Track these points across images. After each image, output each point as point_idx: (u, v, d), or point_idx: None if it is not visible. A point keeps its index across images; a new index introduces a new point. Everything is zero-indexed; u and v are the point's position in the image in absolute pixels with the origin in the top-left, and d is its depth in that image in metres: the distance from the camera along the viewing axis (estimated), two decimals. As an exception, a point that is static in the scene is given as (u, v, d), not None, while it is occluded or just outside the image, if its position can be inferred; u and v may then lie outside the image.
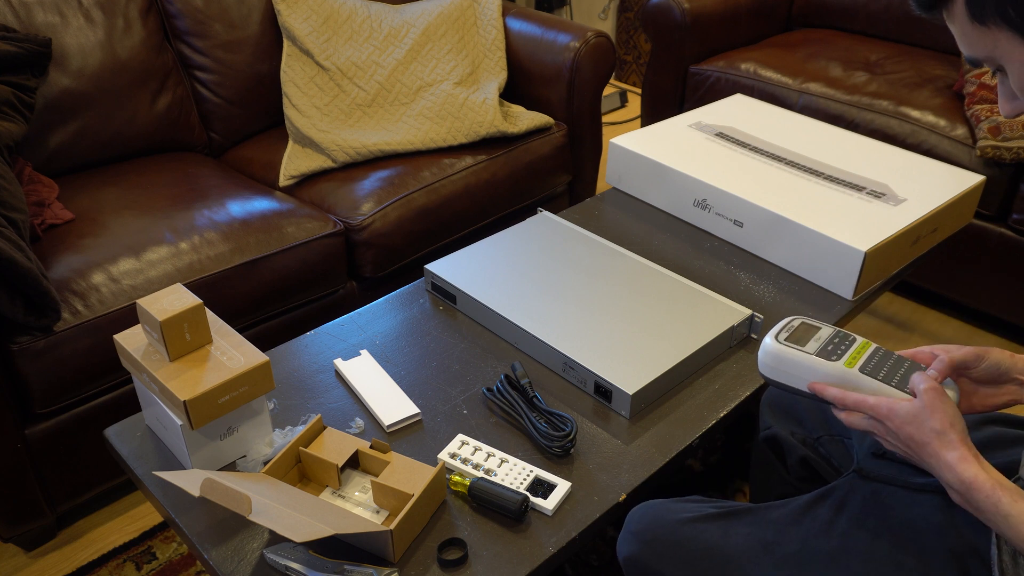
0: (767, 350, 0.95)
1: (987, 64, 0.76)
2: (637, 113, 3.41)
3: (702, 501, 1.03)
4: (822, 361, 0.91)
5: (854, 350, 0.93)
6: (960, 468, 0.78)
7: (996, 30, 0.70)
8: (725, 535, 0.96)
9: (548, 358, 1.24)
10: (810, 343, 0.94)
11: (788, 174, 1.58)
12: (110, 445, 1.14)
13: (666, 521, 1.00)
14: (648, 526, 1.00)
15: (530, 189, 2.13)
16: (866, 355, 0.92)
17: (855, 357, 0.92)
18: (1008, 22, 0.69)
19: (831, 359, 0.91)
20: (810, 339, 0.95)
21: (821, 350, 0.93)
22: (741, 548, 0.95)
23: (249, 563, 0.96)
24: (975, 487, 0.77)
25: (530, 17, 2.23)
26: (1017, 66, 0.72)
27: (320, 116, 2.03)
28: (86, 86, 1.86)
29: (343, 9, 2.14)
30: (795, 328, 0.96)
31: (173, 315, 1.02)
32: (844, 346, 0.94)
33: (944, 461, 0.79)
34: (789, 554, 0.92)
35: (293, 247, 1.70)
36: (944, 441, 0.80)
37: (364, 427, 1.14)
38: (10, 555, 1.60)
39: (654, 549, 0.99)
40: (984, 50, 0.73)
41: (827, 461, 1.11)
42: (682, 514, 1.00)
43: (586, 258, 1.42)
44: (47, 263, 1.53)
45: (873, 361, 0.91)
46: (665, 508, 1.02)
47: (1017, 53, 0.71)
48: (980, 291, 2.08)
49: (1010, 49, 0.71)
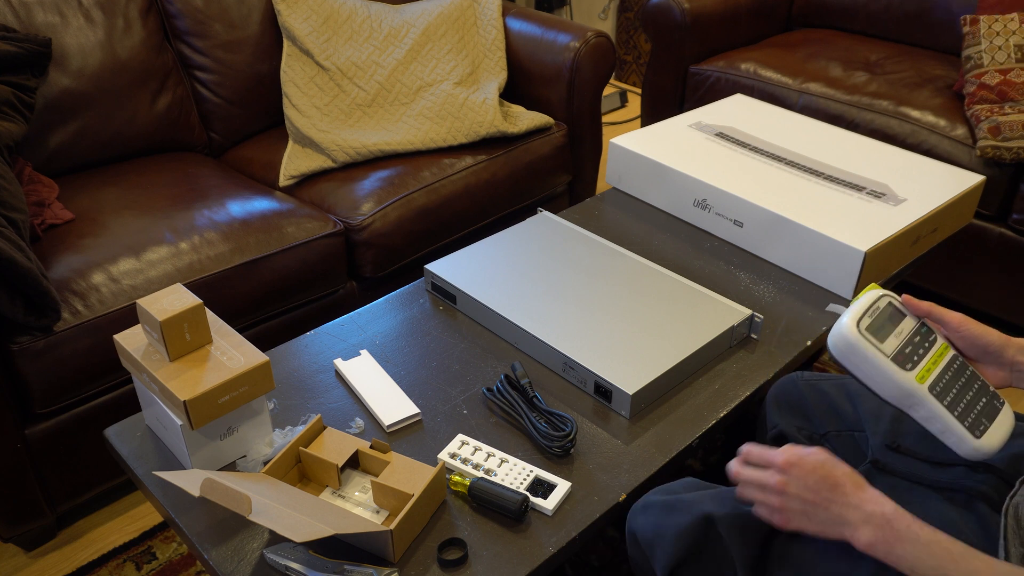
0: (844, 335, 0.89)
1: None
2: (637, 113, 3.41)
3: (708, 486, 1.03)
4: (896, 369, 0.88)
5: (932, 355, 0.90)
6: (880, 500, 0.80)
7: None
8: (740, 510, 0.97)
9: (548, 358, 1.24)
10: (890, 339, 0.90)
11: (788, 174, 1.58)
12: (110, 445, 1.14)
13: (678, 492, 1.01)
14: (661, 499, 1.01)
15: (530, 189, 2.13)
16: (942, 365, 0.90)
17: (929, 368, 0.89)
18: None
19: (906, 367, 0.88)
20: (891, 333, 0.90)
21: (899, 352, 0.89)
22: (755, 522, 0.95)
23: (249, 563, 0.96)
24: (896, 517, 0.79)
25: (530, 17, 2.23)
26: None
27: (320, 116, 2.03)
28: (86, 86, 1.86)
29: (343, 9, 2.14)
30: (879, 312, 0.91)
31: (173, 315, 1.02)
32: (923, 348, 0.91)
33: (860, 498, 0.81)
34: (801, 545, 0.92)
35: (293, 247, 1.70)
36: (855, 481, 0.83)
37: (364, 427, 1.14)
38: (10, 555, 1.60)
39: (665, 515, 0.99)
40: None
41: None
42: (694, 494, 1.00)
43: (586, 258, 1.42)
44: (47, 263, 1.53)
45: (946, 377, 0.90)
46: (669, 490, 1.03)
47: None
48: (980, 291, 2.08)
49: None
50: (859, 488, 0.82)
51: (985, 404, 0.90)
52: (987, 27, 2.08)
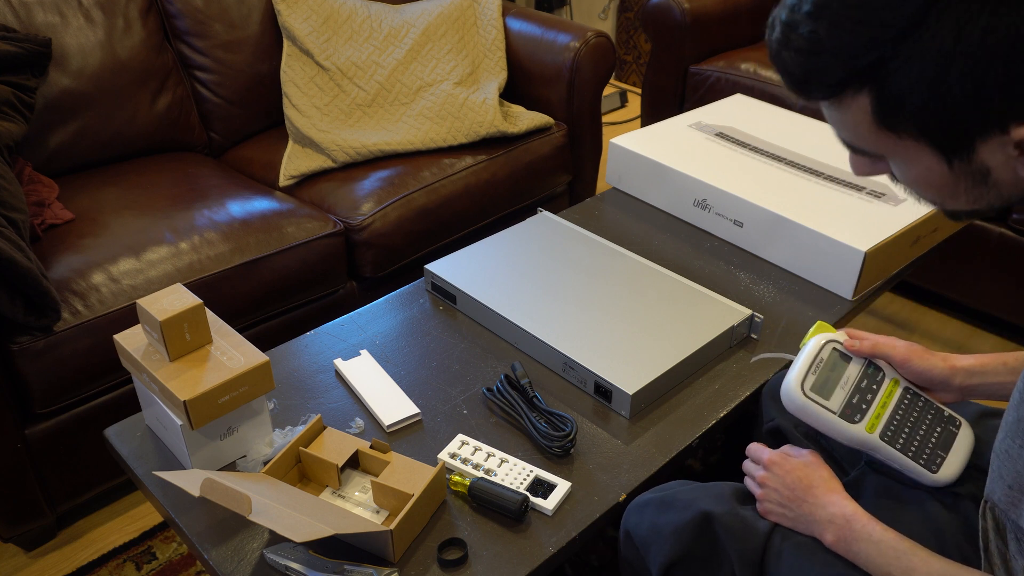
0: (791, 397, 0.94)
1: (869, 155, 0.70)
2: (637, 113, 3.41)
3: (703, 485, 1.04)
4: (845, 424, 0.92)
5: (880, 399, 0.94)
6: (843, 503, 0.89)
7: (905, 139, 0.64)
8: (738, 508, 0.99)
9: (548, 358, 1.24)
10: (836, 393, 0.93)
11: (788, 174, 1.58)
12: (110, 445, 1.14)
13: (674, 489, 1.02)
14: (658, 496, 1.02)
15: (530, 189, 2.13)
16: (891, 407, 0.93)
17: (879, 414, 0.93)
18: (925, 134, 0.63)
19: (854, 420, 0.92)
20: (836, 386, 0.94)
21: (846, 405, 0.93)
22: (754, 517, 0.96)
23: (249, 563, 0.96)
24: (855, 518, 0.86)
25: (530, 17, 2.23)
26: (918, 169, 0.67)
27: (320, 116, 2.03)
28: (86, 86, 1.86)
29: (343, 9, 2.14)
30: (823, 364, 0.94)
31: (173, 315, 1.02)
32: (871, 393, 0.94)
33: (828, 499, 0.89)
34: (802, 541, 0.93)
35: (293, 247, 1.70)
36: (829, 486, 0.91)
37: (364, 427, 1.14)
38: (10, 555, 1.60)
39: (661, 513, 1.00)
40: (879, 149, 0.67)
41: (828, 454, 1.12)
42: (691, 490, 1.01)
43: (586, 258, 1.42)
44: (47, 263, 1.53)
45: (896, 418, 0.93)
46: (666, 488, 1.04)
47: (924, 159, 0.65)
48: (980, 291, 2.08)
49: (915, 156, 0.66)
50: (829, 491, 0.90)
51: (940, 435, 0.93)
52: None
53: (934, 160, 0.65)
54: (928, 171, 0.67)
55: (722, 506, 0.98)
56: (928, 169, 0.66)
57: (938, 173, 0.66)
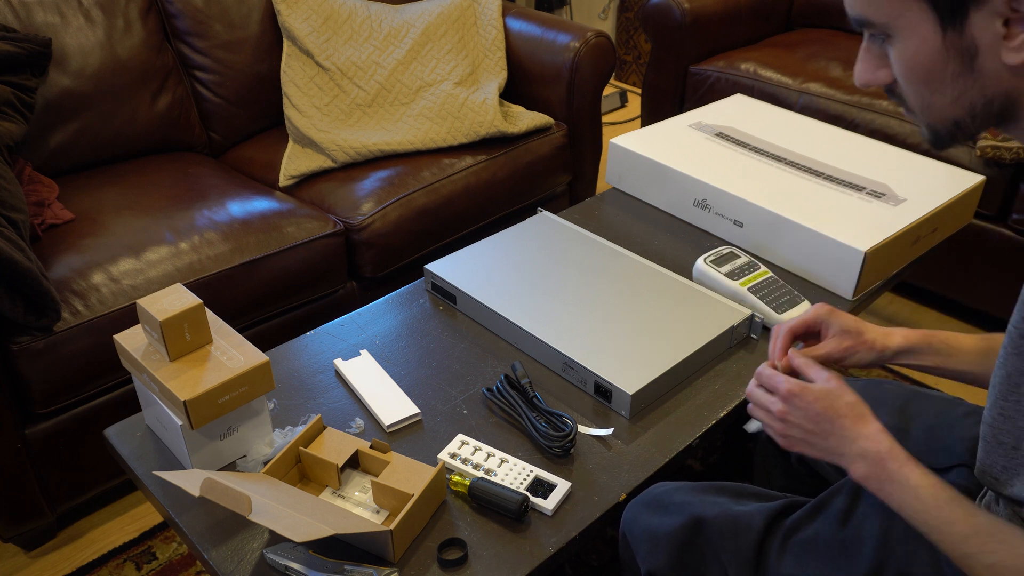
0: (698, 266, 1.38)
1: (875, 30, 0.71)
2: (637, 113, 3.41)
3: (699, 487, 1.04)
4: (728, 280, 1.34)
5: (754, 274, 1.35)
6: (877, 437, 0.81)
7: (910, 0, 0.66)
8: (736, 505, 0.98)
9: (548, 358, 1.24)
10: (726, 266, 1.36)
11: (788, 174, 1.58)
12: (110, 445, 1.14)
13: (670, 490, 1.02)
14: (654, 496, 1.02)
15: (530, 189, 2.13)
16: (761, 279, 1.34)
17: (751, 280, 1.34)
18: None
19: (735, 279, 1.34)
20: (728, 263, 1.37)
21: (731, 271, 1.35)
22: (748, 516, 0.96)
23: (249, 563, 0.96)
24: (891, 456, 0.80)
25: (530, 17, 2.23)
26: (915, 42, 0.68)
27: (320, 116, 2.03)
28: (86, 86, 1.86)
29: (343, 9, 2.14)
30: (722, 254, 1.39)
31: (173, 315, 1.02)
32: (748, 270, 1.36)
33: (861, 432, 0.82)
34: (801, 540, 0.93)
35: (293, 247, 1.70)
36: (859, 413, 0.83)
37: (364, 427, 1.14)
38: (10, 555, 1.60)
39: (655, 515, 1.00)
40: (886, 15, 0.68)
41: None
42: (686, 492, 1.01)
43: (586, 258, 1.42)
44: (47, 263, 1.53)
45: (764, 286, 1.33)
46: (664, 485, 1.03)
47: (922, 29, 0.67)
48: (980, 291, 2.08)
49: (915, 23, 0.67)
50: (860, 422, 0.83)
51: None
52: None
53: (930, 29, 0.66)
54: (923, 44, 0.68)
55: (715, 508, 0.98)
56: (923, 41, 0.67)
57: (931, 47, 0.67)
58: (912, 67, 0.70)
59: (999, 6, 0.63)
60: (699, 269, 1.39)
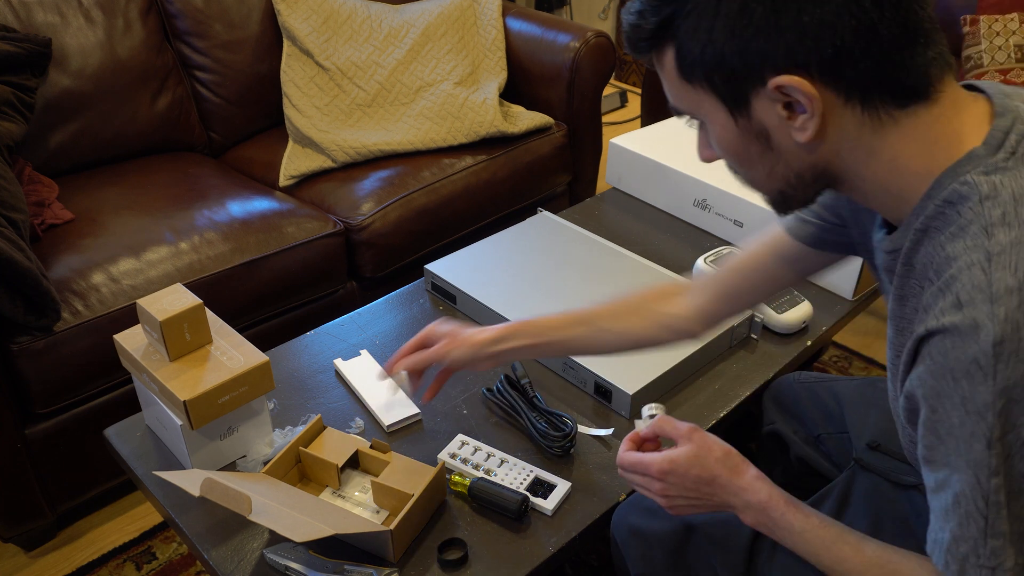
0: (698, 266, 1.34)
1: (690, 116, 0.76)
2: (637, 113, 3.40)
3: None
4: None
5: None
6: (754, 488, 0.82)
7: (702, 92, 0.70)
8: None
9: (548, 358, 1.24)
10: None
11: (788, 174, 1.58)
12: (110, 445, 1.14)
13: None
14: (643, 499, 1.01)
15: (530, 189, 2.12)
16: None
17: None
18: (713, 88, 0.69)
19: None
20: None
21: None
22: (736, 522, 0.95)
23: (249, 563, 0.96)
24: (771, 505, 0.81)
25: (530, 17, 2.23)
26: (717, 128, 0.72)
27: (320, 116, 2.03)
28: (86, 86, 1.86)
29: (343, 9, 2.14)
30: (722, 255, 1.34)
31: (173, 315, 1.02)
32: None
33: (738, 486, 0.83)
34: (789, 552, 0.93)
35: (293, 247, 1.70)
36: (732, 466, 0.84)
37: (364, 427, 1.14)
38: (10, 555, 1.60)
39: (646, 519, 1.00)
40: (689, 106, 0.73)
41: (828, 458, 1.12)
42: None
43: (586, 258, 1.42)
44: (47, 263, 1.53)
45: None
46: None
47: (719, 117, 0.71)
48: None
49: (712, 111, 0.71)
50: (735, 474, 0.83)
51: None
52: (987, 27, 2.08)
53: (724, 116, 0.70)
54: (723, 130, 0.72)
55: (705, 516, 0.97)
56: (723, 127, 0.71)
57: (731, 132, 0.71)
58: (723, 147, 0.74)
59: (773, 94, 0.65)
60: (699, 269, 1.38)
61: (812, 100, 0.64)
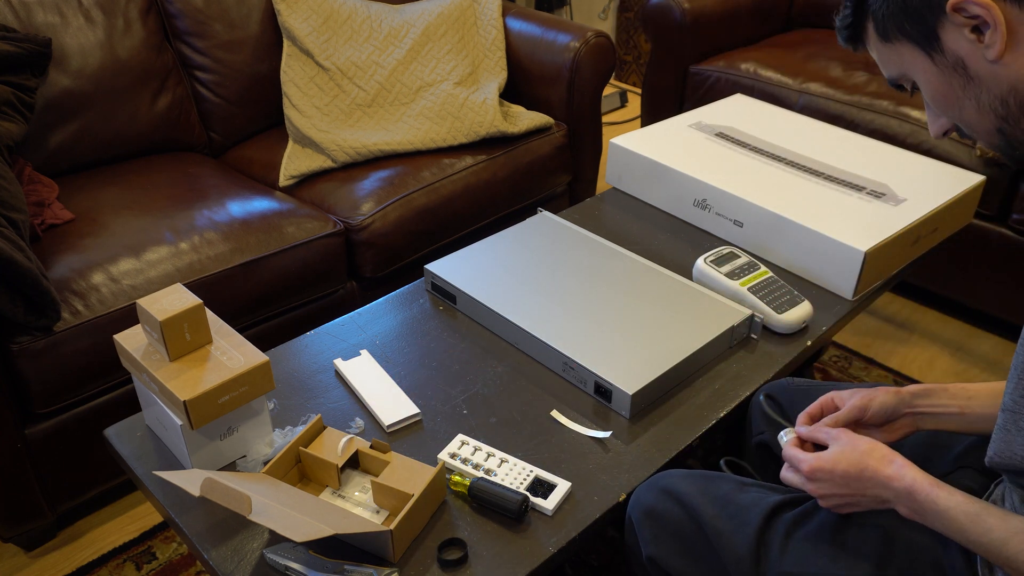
0: (698, 266, 1.39)
1: (904, 83, 0.81)
2: (637, 113, 3.41)
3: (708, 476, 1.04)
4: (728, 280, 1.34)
5: (754, 274, 1.36)
6: (901, 475, 0.83)
7: (900, 46, 0.76)
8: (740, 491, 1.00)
9: (548, 358, 1.24)
10: (726, 266, 1.37)
11: (788, 174, 1.58)
12: (110, 445, 1.14)
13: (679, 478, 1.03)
14: (662, 484, 1.03)
15: (530, 189, 2.13)
16: (761, 279, 1.35)
17: (750, 280, 1.34)
18: (908, 36, 0.75)
19: (735, 279, 1.34)
20: (728, 263, 1.38)
21: (731, 271, 1.36)
22: (748, 510, 0.97)
23: (249, 563, 0.96)
24: (915, 490, 0.82)
25: (530, 17, 2.23)
26: (923, 76, 0.77)
27: (320, 116, 2.03)
28: (86, 86, 1.86)
29: (343, 9, 2.14)
30: (722, 254, 1.40)
31: (173, 315, 1.02)
32: (748, 270, 1.36)
33: (886, 475, 0.84)
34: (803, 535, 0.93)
35: (293, 247, 1.70)
36: (880, 456, 0.86)
37: (364, 427, 1.14)
38: (10, 555, 1.60)
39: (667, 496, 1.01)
40: (896, 68, 0.79)
41: None
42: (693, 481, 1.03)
43: (586, 258, 1.42)
44: (47, 263, 1.53)
45: (763, 286, 1.34)
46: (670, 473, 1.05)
47: (920, 63, 0.76)
48: (980, 291, 2.08)
49: (913, 61, 0.77)
50: (885, 465, 0.85)
51: None
52: (987, 27, 2.08)
53: (924, 60, 0.76)
54: (927, 74, 0.77)
55: (717, 501, 0.98)
56: (926, 72, 0.77)
57: (934, 75, 0.76)
58: (935, 97, 0.78)
59: (955, 19, 0.71)
60: (699, 269, 1.38)
61: (988, 9, 0.69)
